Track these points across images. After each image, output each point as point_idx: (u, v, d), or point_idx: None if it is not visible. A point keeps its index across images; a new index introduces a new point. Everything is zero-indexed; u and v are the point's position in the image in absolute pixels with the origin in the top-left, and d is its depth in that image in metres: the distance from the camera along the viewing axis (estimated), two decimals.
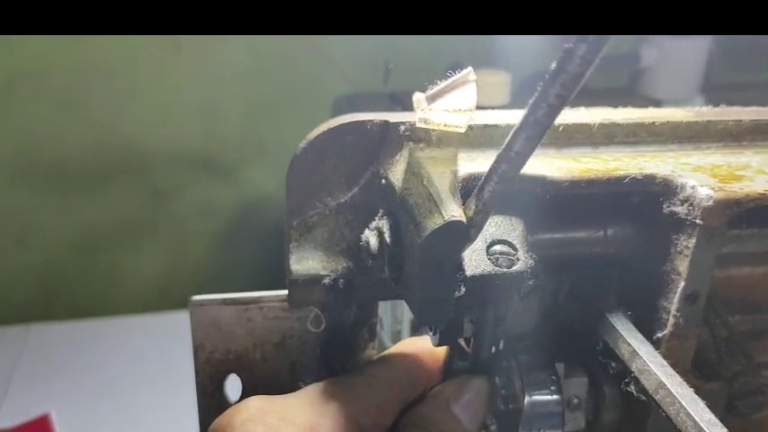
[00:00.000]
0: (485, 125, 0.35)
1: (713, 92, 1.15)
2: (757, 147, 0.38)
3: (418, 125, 0.34)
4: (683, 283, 0.33)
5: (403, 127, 0.34)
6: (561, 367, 0.38)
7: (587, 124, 0.36)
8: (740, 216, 0.33)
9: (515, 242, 0.31)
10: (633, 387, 0.34)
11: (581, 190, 0.33)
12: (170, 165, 1.31)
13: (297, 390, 0.35)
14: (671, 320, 0.34)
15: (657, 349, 0.34)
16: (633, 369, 0.33)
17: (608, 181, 0.33)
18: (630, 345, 0.34)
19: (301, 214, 0.35)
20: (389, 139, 0.34)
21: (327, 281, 0.35)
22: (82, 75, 1.22)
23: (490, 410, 0.38)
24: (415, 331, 0.97)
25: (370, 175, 0.35)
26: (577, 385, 0.38)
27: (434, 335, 0.37)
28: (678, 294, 0.34)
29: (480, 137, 0.35)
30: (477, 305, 0.32)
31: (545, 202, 0.33)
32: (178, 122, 1.29)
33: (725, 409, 0.37)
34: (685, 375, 0.32)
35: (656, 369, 0.32)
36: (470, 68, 0.32)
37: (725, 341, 0.37)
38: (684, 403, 0.30)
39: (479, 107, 0.32)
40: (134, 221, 1.35)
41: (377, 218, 0.34)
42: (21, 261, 1.34)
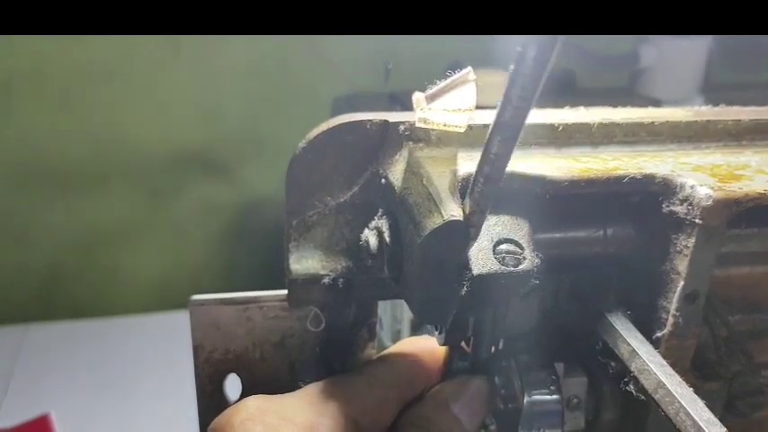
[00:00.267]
0: (484, 125, 0.35)
1: (713, 92, 1.15)
2: (757, 146, 0.38)
3: (418, 125, 0.34)
4: (683, 283, 0.33)
5: (402, 127, 0.34)
6: (561, 367, 0.38)
7: (587, 124, 0.36)
8: (739, 215, 0.33)
9: (521, 241, 0.31)
10: (632, 386, 0.33)
11: (581, 189, 0.33)
12: (170, 165, 1.31)
13: (296, 389, 0.35)
14: (670, 320, 0.34)
15: (657, 349, 0.34)
16: (632, 369, 0.33)
17: (607, 180, 0.33)
18: (630, 344, 0.34)
19: (301, 214, 0.35)
20: (389, 139, 0.34)
21: (327, 280, 0.36)
22: (81, 75, 1.22)
23: (490, 410, 0.38)
24: (415, 331, 0.97)
25: (369, 175, 0.35)
26: (577, 385, 0.38)
27: (440, 334, 0.37)
28: (677, 294, 0.34)
29: (480, 136, 0.35)
30: (483, 304, 0.32)
31: (545, 202, 0.33)
32: (178, 122, 1.29)
33: (724, 409, 0.37)
34: (685, 375, 0.32)
35: (656, 369, 0.32)
36: (470, 68, 0.32)
37: (724, 341, 0.37)
38: (684, 403, 0.30)
39: (479, 107, 0.32)
40: (134, 221, 1.35)
41: (376, 217, 0.34)
42: (20, 261, 1.34)
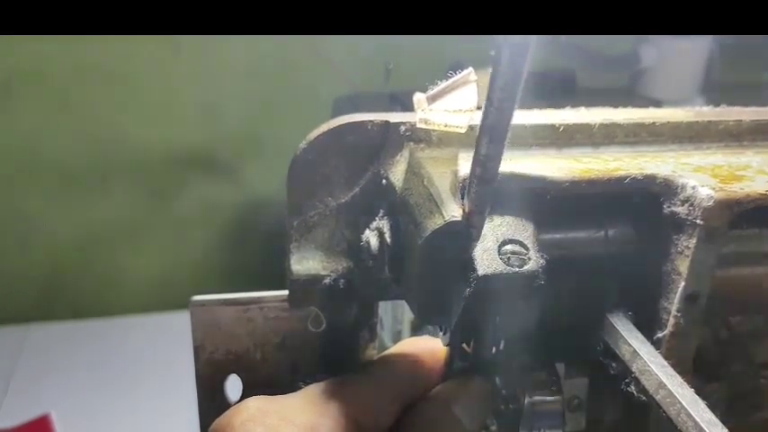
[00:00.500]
0: None
1: (713, 92, 1.15)
2: (758, 147, 0.38)
3: (419, 125, 0.34)
4: (684, 284, 0.33)
5: (403, 127, 0.34)
6: (561, 367, 0.38)
7: (588, 124, 0.36)
8: (741, 216, 0.33)
9: (526, 242, 0.31)
10: (634, 387, 0.33)
11: (581, 190, 0.33)
12: (170, 165, 1.31)
13: (297, 390, 0.35)
14: (671, 321, 0.34)
15: (658, 349, 0.34)
16: (634, 369, 0.33)
17: (608, 181, 0.33)
18: (631, 345, 0.34)
19: (302, 214, 0.35)
20: (390, 140, 0.34)
21: (328, 281, 0.35)
22: (81, 75, 1.22)
23: (490, 411, 0.38)
24: (416, 331, 0.97)
25: (370, 176, 0.35)
26: (578, 385, 0.38)
27: (444, 334, 0.37)
28: (679, 294, 0.34)
29: None
30: (488, 304, 0.32)
31: (545, 203, 0.33)
32: (178, 122, 1.29)
33: (725, 410, 0.37)
34: (686, 376, 0.32)
35: (657, 369, 0.32)
36: (471, 68, 0.32)
37: (725, 342, 0.37)
38: (685, 404, 0.30)
39: (480, 107, 0.32)
40: (134, 221, 1.35)
41: (377, 218, 0.34)
42: (20, 261, 1.34)
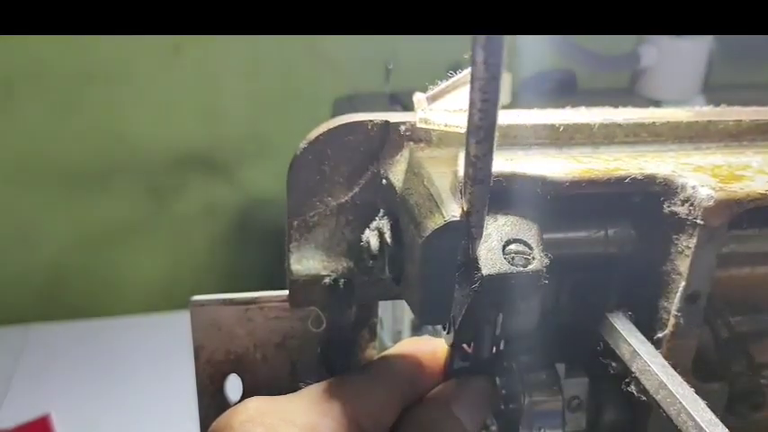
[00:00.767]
0: None
1: (713, 92, 1.15)
2: (758, 147, 0.38)
3: (419, 125, 0.34)
4: (684, 283, 0.33)
5: (403, 127, 0.34)
6: (562, 367, 0.38)
7: (588, 124, 0.36)
8: (741, 216, 0.33)
9: (530, 241, 0.31)
10: (634, 387, 0.33)
11: (582, 190, 0.33)
12: (170, 165, 1.31)
13: (297, 390, 0.35)
14: (671, 320, 0.34)
15: (658, 349, 0.34)
16: (634, 369, 0.33)
17: (608, 181, 0.33)
18: (631, 345, 0.34)
19: (302, 214, 0.35)
20: (390, 140, 0.34)
21: (328, 281, 0.35)
22: (82, 75, 1.22)
23: (491, 411, 0.38)
24: (416, 331, 0.97)
25: (370, 176, 0.35)
26: (578, 385, 0.38)
27: (447, 333, 0.37)
28: (679, 294, 0.34)
29: None
30: (492, 304, 0.32)
31: (546, 203, 0.33)
32: (178, 122, 1.29)
33: (725, 410, 0.37)
34: (686, 375, 0.32)
35: (657, 369, 0.32)
36: (470, 68, 0.32)
37: (725, 341, 0.37)
38: (685, 403, 0.30)
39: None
40: (134, 221, 1.35)
41: (377, 218, 0.34)
42: (21, 261, 1.34)
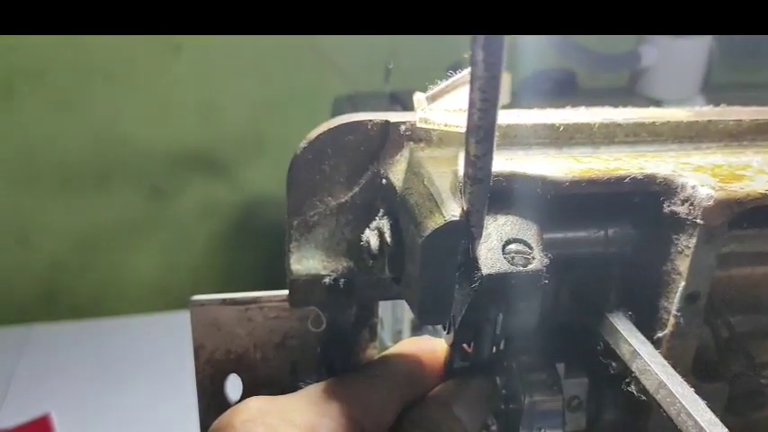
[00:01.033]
0: None
1: (713, 92, 1.15)
2: (758, 146, 0.38)
3: (419, 125, 0.34)
4: (684, 283, 0.33)
5: (403, 127, 0.34)
6: (562, 367, 0.38)
7: (588, 124, 0.36)
8: (741, 216, 0.33)
9: (530, 241, 0.31)
10: (634, 387, 0.33)
11: (582, 190, 0.33)
12: (170, 165, 1.31)
13: (297, 390, 0.35)
14: (671, 320, 0.34)
15: (658, 349, 0.34)
16: (634, 369, 0.33)
17: (609, 181, 0.33)
18: (631, 345, 0.34)
19: (302, 214, 0.35)
20: (390, 139, 0.34)
21: (328, 281, 0.35)
22: (82, 74, 1.22)
23: (491, 411, 0.38)
24: (416, 331, 0.97)
25: (370, 175, 0.35)
26: (578, 385, 0.38)
27: (447, 333, 0.37)
28: (679, 294, 0.34)
29: None
30: (492, 304, 0.32)
31: (545, 202, 0.33)
32: (178, 122, 1.29)
33: (725, 410, 0.37)
34: (686, 375, 0.32)
35: (657, 369, 0.32)
36: (470, 68, 0.32)
37: (725, 341, 0.37)
38: (685, 403, 0.30)
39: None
40: (134, 221, 1.35)
41: (377, 218, 0.34)
42: (21, 261, 1.34)
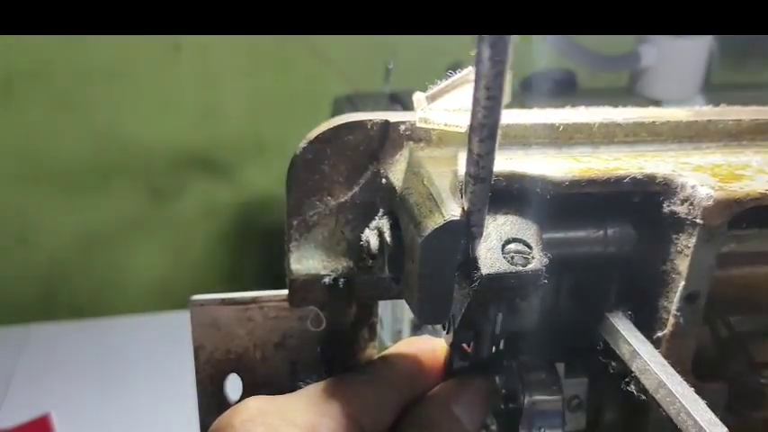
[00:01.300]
0: None
1: (713, 92, 1.15)
2: (757, 146, 0.38)
3: (419, 125, 0.34)
4: (684, 283, 0.33)
5: (403, 126, 0.34)
6: (561, 367, 0.38)
7: (587, 124, 0.36)
8: (740, 215, 0.33)
9: (530, 240, 0.31)
10: (633, 387, 0.33)
11: (581, 189, 0.33)
12: (170, 165, 1.31)
13: (297, 390, 0.35)
14: (671, 320, 0.34)
15: (658, 349, 0.34)
16: (633, 369, 0.33)
17: (608, 180, 0.33)
18: (631, 344, 0.34)
19: (301, 214, 0.35)
20: (390, 139, 0.34)
21: (328, 280, 0.35)
22: (82, 74, 1.22)
23: (490, 410, 0.38)
24: (416, 331, 0.97)
25: (370, 175, 0.35)
26: (578, 385, 0.38)
27: (447, 333, 0.37)
28: (678, 294, 0.34)
29: None
30: (491, 303, 0.32)
31: (545, 202, 0.33)
32: (178, 122, 1.29)
33: (725, 409, 0.37)
34: (686, 375, 0.32)
35: (657, 369, 0.32)
36: (470, 68, 0.32)
37: (725, 341, 0.37)
38: (685, 403, 0.30)
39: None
40: (134, 221, 1.35)
41: (377, 217, 0.34)
42: (21, 261, 1.34)
